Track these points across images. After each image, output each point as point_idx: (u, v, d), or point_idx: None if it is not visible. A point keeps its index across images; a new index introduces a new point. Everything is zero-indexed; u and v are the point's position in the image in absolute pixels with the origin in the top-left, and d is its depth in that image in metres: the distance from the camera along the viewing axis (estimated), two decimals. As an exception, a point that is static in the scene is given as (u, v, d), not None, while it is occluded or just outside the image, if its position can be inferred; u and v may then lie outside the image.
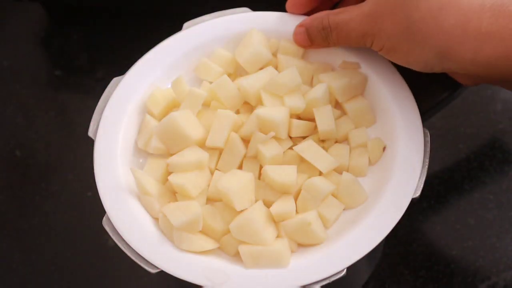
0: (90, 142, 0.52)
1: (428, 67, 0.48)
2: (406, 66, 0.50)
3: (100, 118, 0.53)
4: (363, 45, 0.51)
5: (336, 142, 0.53)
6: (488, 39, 0.45)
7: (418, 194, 0.48)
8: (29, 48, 0.85)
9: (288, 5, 0.57)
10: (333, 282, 0.46)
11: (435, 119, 0.68)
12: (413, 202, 0.48)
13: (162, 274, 0.47)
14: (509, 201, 0.66)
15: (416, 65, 0.49)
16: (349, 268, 0.46)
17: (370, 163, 0.52)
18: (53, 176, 0.73)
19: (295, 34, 0.56)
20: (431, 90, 0.55)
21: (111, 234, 0.48)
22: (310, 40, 0.55)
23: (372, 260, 0.62)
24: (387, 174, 0.50)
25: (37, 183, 0.72)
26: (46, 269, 0.67)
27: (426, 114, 0.52)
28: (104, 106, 0.54)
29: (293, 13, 0.57)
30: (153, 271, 0.47)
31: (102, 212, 0.49)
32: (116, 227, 0.48)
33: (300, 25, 0.55)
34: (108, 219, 0.48)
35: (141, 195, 0.50)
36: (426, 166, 0.49)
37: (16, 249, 0.68)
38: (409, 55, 0.48)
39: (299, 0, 0.56)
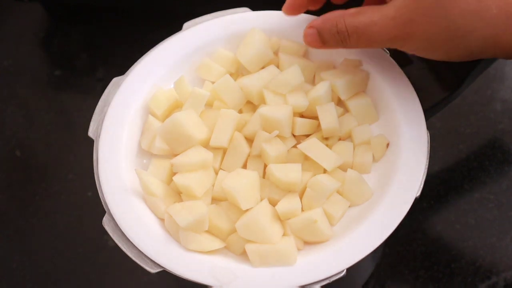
0: (90, 142, 0.52)
1: (471, 56, 0.48)
2: (446, 60, 0.50)
3: (100, 118, 0.53)
4: (388, 47, 0.50)
5: (339, 139, 0.53)
6: None
7: (418, 193, 0.48)
8: (29, 48, 0.85)
9: (285, 7, 0.55)
10: (333, 282, 0.46)
11: (435, 119, 0.68)
12: (413, 202, 0.48)
13: (162, 274, 0.47)
14: (509, 201, 0.66)
15: (458, 58, 0.49)
16: (349, 268, 0.46)
17: (374, 160, 0.52)
18: (53, 176, 0.73)
19: (306, 35, 0.53)
20: (431, 90, 0.55)
21: (111, 234, 0.48)
22: (323, 42, 0.52)
23: (372, 260, 0.62)
24: (391, 170, 0.50)
25: (37, 183, 0.72)
26: (46, 269, 0.67)
27: (426, 114, 0.52)
28: (104, 106, 0.54)
29: (290, 15, 0.55)
30: (153, 271, 0.46)
31: (102, 212, 0.49)
32: (121, 228, 0.48)
33: (310, 26, 0.52)
34: (109, 219, 0.48)
35: (146, 196, 0.50)
36: (426, 166, 0.49)
37: (16, 249, 0.68)
38: (451, 52, 0.48)
39: (297, 3, 0.55)
